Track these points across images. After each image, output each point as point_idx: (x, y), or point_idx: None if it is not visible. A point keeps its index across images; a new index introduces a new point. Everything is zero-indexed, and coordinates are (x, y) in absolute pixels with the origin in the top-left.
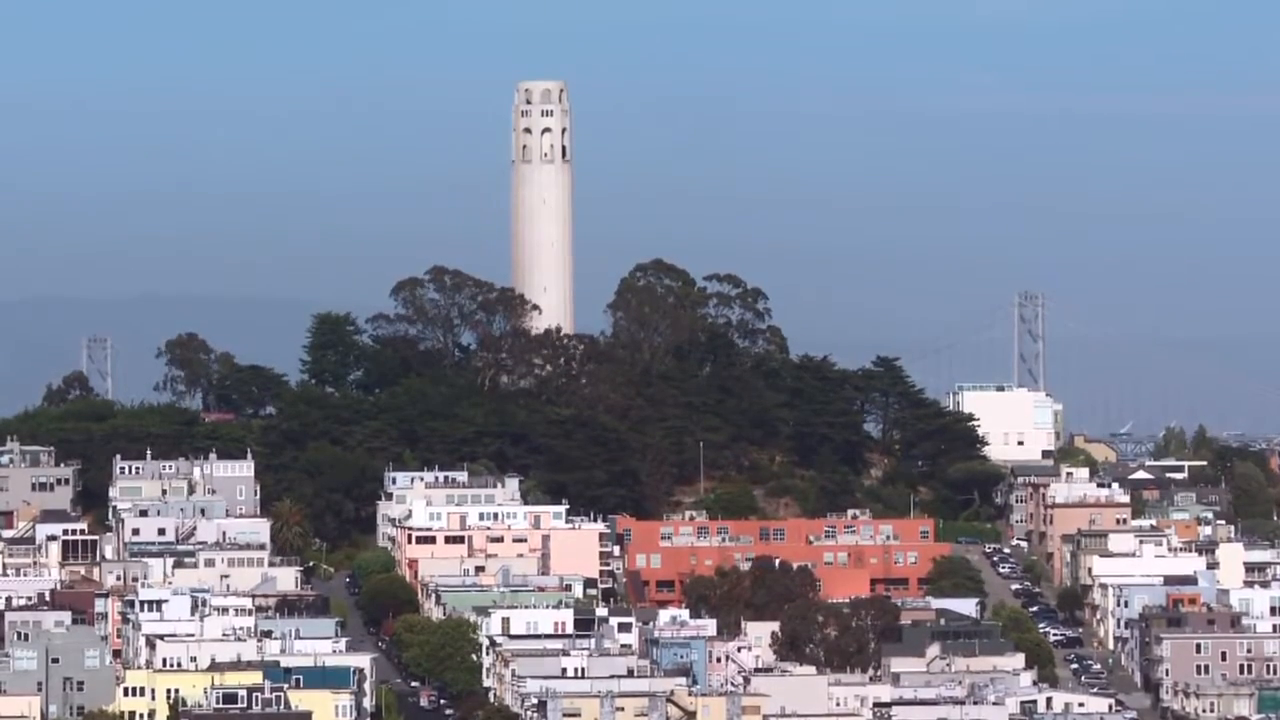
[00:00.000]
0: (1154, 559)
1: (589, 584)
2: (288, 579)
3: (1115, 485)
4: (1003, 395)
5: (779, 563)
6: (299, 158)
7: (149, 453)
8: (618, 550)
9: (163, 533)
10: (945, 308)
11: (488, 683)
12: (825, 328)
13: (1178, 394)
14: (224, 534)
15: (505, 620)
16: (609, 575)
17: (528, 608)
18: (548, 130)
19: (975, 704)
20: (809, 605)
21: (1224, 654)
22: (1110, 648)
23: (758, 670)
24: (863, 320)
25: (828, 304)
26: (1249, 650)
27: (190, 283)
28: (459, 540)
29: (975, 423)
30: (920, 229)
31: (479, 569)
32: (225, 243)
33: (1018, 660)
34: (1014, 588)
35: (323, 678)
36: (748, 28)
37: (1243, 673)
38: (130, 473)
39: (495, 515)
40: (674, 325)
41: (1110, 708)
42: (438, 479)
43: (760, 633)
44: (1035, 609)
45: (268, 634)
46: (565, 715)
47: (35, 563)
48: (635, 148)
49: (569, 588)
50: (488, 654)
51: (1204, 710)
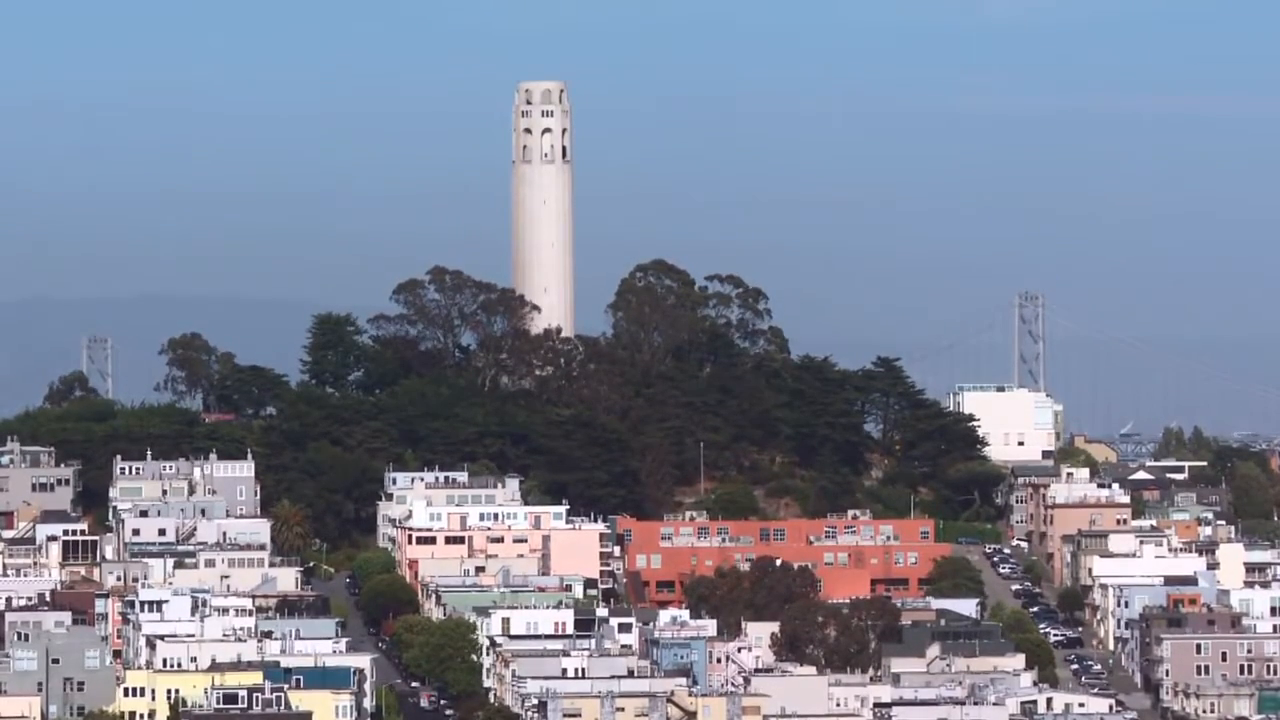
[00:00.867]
0: (1154, 559)
1: (589, 584)
2: (288, 579)
3: (1115, 486)
4: (1003, 396)
5: (779, 563)
6: (299, 158)
7: (149, 453)
8: (618, 550)
9: (163, 533)
10: (945, 308)
11: (488, 683)
12: (825, 328)
13: (1178, 394)
14: (224, 534)
15: (505, 620)
16: (609, 575)
17: (528, 608)
18: (548, 131)
19: (975, 704)
20: (809, 606)
21: (1224, 654)
22: (1110, 648)
23: (758, 671)
24: (863, 320)
25: (828, 304)
26: (1249, 651)
27: (190, 283)
28: (459, 541)
29: (975, 423)
30: (921, 229)
31: (479, 569)
32: (226, 243)
33: (1018, 661)
34: (1014, 588)
35: (323, 678)
36: (748, 28)
37: (1243, 673)
38: (130, 473)
39: (495, 516)
40: (674, 325)
41: (1110, 708)
42: (438, 479)
43: (760, 633)
44: (1035, 609)
45: (268, 634)
46: (565, 715)
47: (35, 563)
48: (635, 148)
49: (569, 588)
50: (488, 654)
51: (1204, 711)
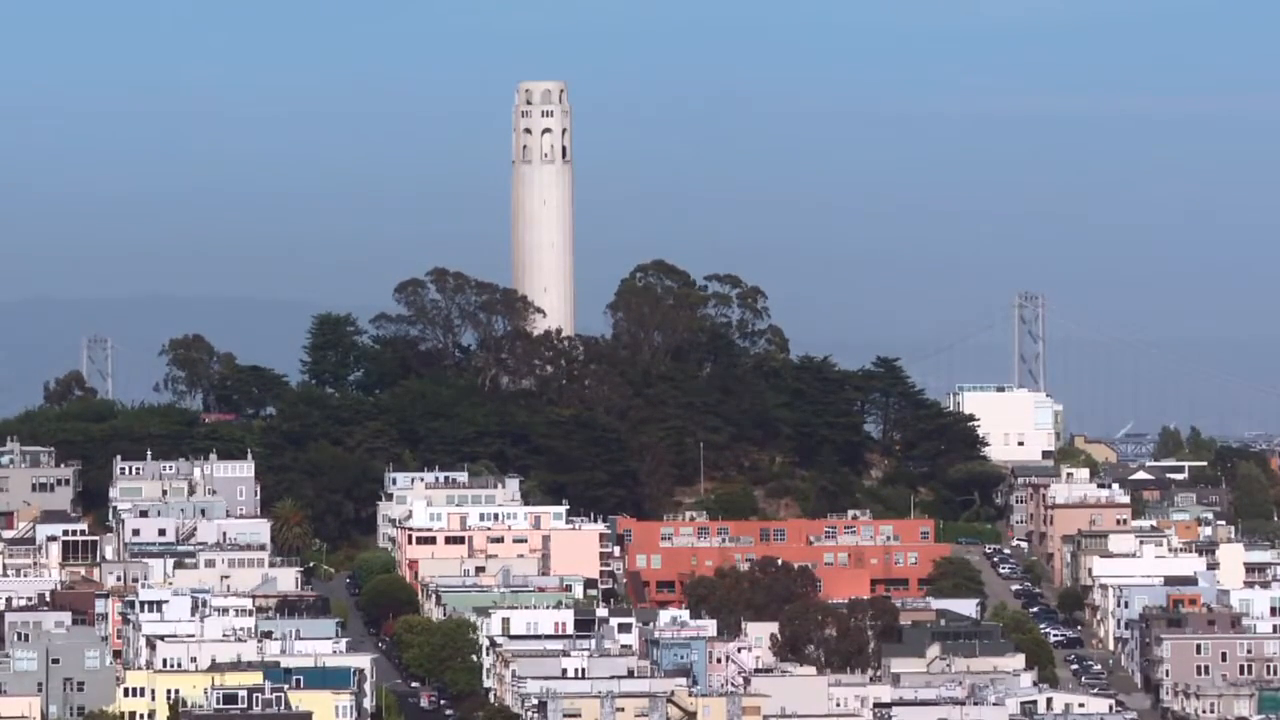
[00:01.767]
0: (1154, 559)
1: (589, 584)
2: (288, 579)
3: (1115, 486)
4: (1003, 396)
5: (779, 563)
6: (300, 158)
7: (149, 453)
8: (618, 551)
9: (163, 533)
10: (945, 308)
11: (488, 683)
12: (825, 328)
13: (1178, 394)
14: (224, 534)
15: (505, 621)
16: (609, 576)
17: (528, 608)
18: (548, 131)
19: (975, 705)
20: (809, 606)
21: (1224, 654)
22: (1110, 648)
23: (758, 671)
24: (863, 320)
25: (828, 304)
26: (1249, 651)
27: (191, 283)
28: (459, 541)
29: (975, 423)
30: (920, 229)
31: (479, 569)
32: (226, 243)
33: (1018, 661)
34: (1014, 588)
35: (323, 678)
36: (748, 28)
37: (1243, 673)
38: (130, 473)
39: (495, 516)
40: (674, 325)
41: (1110, 708)
42: (438, 479)
43: (760, 633)
44: (1035, 609)
45: (268, 634)
46: (565, 716)
47: (35, 563)
48: (635, 148)
49: (569, 588)
50: (488, 654)
51: (1204, 711)
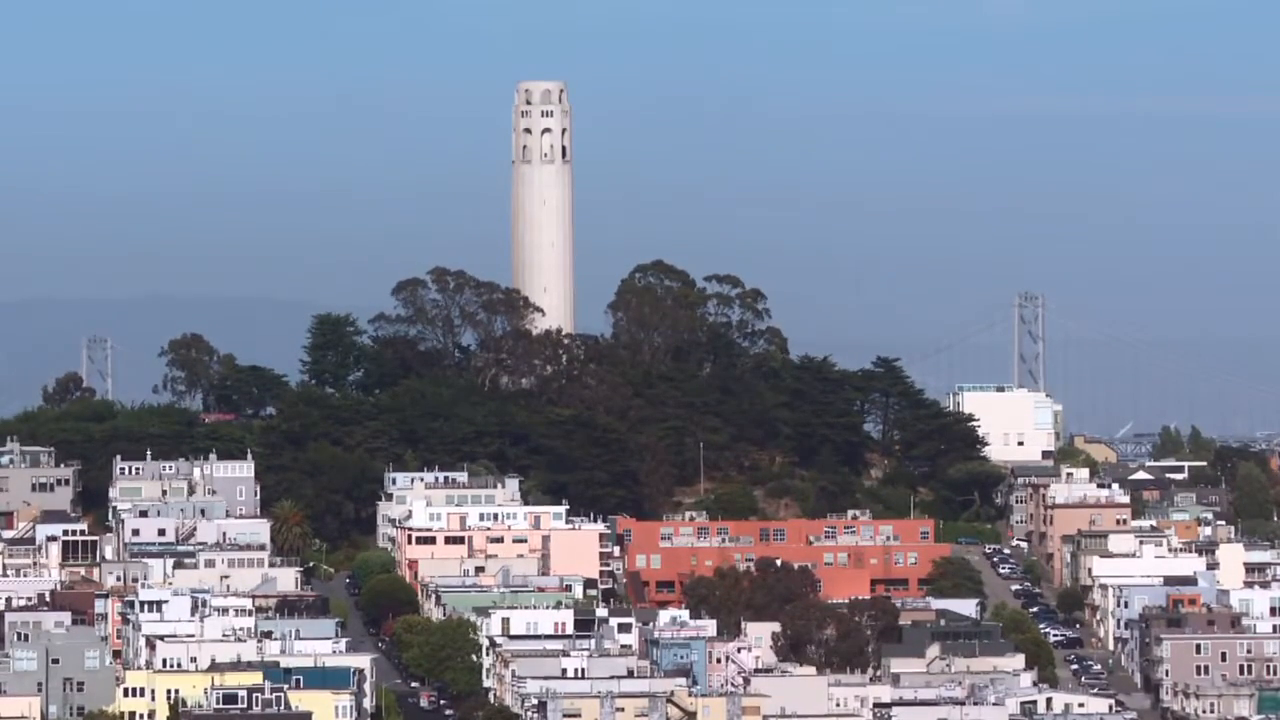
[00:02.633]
0: (1154, 559)
1: (589, 584)
2: (288, 579)
3: (1115, 486)
4: (1003, 396)
5: (779, 563)
6: (299, 158)
7: (149, 453)
8: (618, 551)
9: (163, 533)
10: (945, 308)
11: (488, 683)
12: (825, 328)
13: (1178, 394)
14: (224, 534)
15: (505, 621)
16: (609, 576)
17: (528, 608)
18: (548, 131)
19: (975, 705)
20: (809, 606)
21: (1224, 654)
22: (1110, 648)
23: (758, 671)
24: (863, 320)
25: (828, 304)
26: (1249, 651)
27: (191, 283)
28: (459, 541)
29: (975, 423)
30: (920, 229)
31: (479, 569)
32: (226, 243)
33: (1018, 661)
34: (1014, 588)
35: (323, 678)
36: (748, 28)
37: (1243, 673)
38: (130, 473)
39: (495, 516)
40: (674, 326)
41: (1110, 708)
42: (438, 479)
43: (760, 633)
44: (1035, 609)
45: (268, 634)
46: (565, 716)
47: (35, 563)
48: (635, 148)
49: (569, 588)
50: (488, 654)
51: (1204, 711)
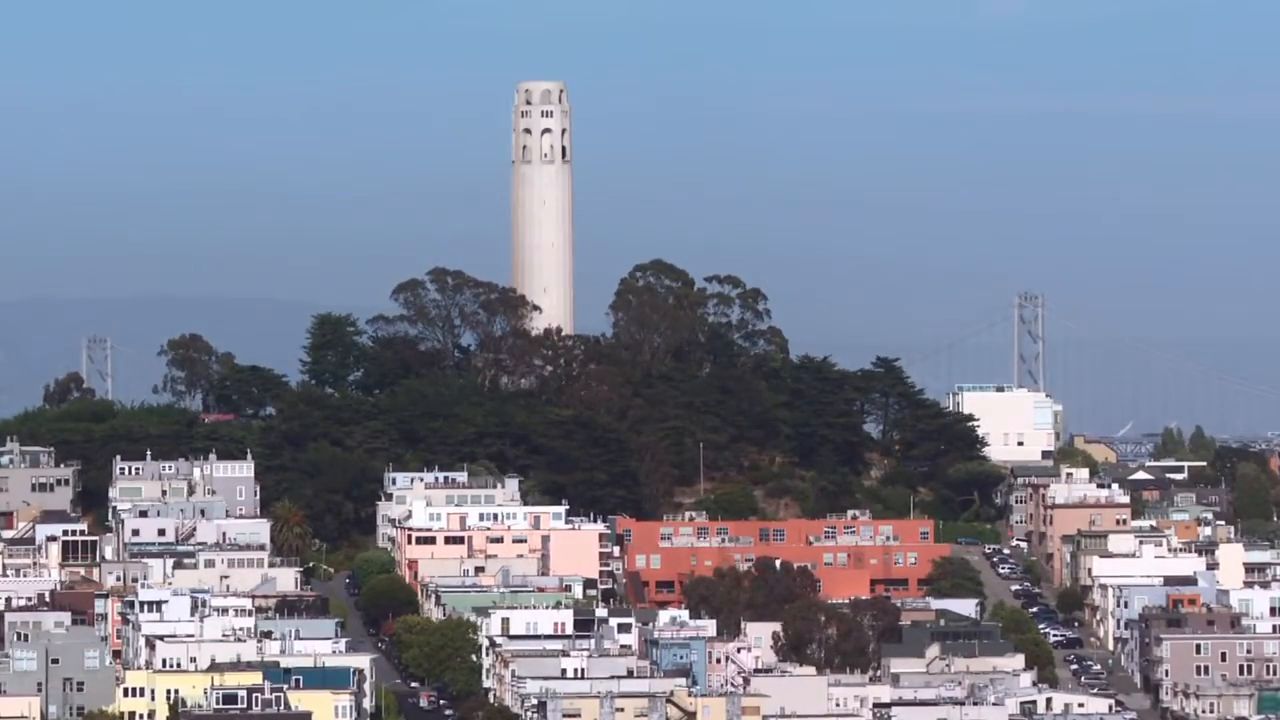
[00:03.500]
0: (1154, 560)
1: (589, 584)
2: (288, 579)
3: (1115, 486)
4: (1003, 396)
5: (779, 563)
6: (300, 158)
7: (149, 453)
8: (618, 551)
9: (163, 533)
10: (945, 308)
11: (488, 683)
12: (825, 328)
13: (1177, 394)
14: (224, 535)
15: (505, 621)
16: (609, 576)
17: (527, 608)
18: (548, 131)
19: (975, 705)
20: (809, 606)
21: (1224, 655)
22: (1110, 648)
23: (757, 671)
24: (863, 320)
25: (828, 304)
26: (1249, 651)
27: (191, 283)
28: (459, 541)
29: (975, 423)
30: (920, 229)
31: (479, 569)
32: (226, 243)
33: (1017, 661)
34: (1014, 588)
35: (323, 678)
36: (748, 28)
37: (1242, 673)
38: (130, 473)
39: (495, 516)
40: (674, 326)
41: (1110, 708)
42: (437, 479)
43: (760, 633)
44: (1035, 610)
45: (268, 634)
46: (565, 716)
47: (35, 563)
48: (635, 148)
49: (569, 588)
50: (487, 654)
51: (1204, 711)
